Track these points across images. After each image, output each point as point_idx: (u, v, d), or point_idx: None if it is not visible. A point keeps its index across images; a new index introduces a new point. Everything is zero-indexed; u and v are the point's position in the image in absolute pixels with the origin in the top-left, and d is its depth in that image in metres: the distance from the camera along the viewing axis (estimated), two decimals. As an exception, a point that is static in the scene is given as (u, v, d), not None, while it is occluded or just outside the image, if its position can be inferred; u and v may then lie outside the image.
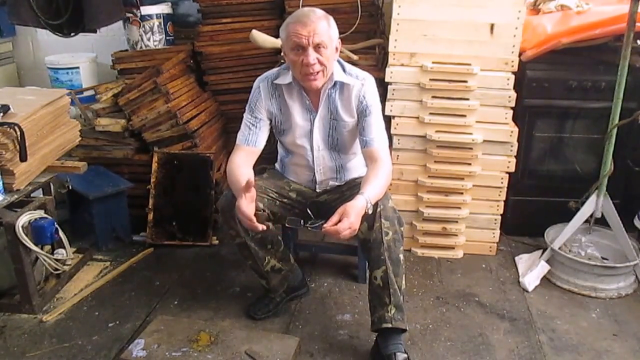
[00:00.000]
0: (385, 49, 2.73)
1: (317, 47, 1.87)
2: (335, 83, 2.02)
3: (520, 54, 2.54)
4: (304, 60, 1.88)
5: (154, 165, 2.87)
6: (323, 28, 1.87)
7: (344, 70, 2.04)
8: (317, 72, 1.91)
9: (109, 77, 3.32)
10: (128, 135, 2.97)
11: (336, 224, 1.74)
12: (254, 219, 1.83)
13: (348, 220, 1.74)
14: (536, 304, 2.38)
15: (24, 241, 2.14)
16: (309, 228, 1.85)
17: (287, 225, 1.91)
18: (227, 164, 2.09)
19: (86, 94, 3.23)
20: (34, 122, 2.26)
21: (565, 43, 2.58)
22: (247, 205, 1.83)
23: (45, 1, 2.85)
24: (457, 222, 2.69)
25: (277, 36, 2.79)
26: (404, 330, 1.95)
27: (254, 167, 2.08)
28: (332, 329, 2.20)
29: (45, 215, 2.26)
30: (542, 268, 2.53)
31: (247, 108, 2.11)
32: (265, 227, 1.86)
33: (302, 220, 1.88)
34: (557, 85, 2.67)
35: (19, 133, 2.12)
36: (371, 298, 1.97)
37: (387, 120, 2.42)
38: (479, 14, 2.47)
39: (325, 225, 1.76)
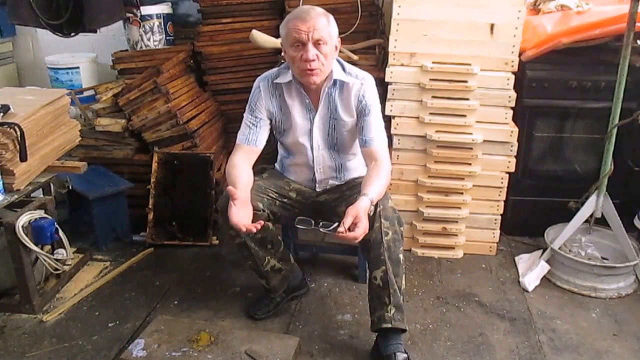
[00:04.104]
0: (385, 49, 2.73)
1: (317, 43, 1.88)
2: (335, 82, 2.02)
3: (520, 54, 2.54)
4: (303, 56, 1.88)
5: (154, 165, 2.87)
6: (323, 24, 1.88)
7: (343, 69, 2.04)
8: (316, 69, 1.91)
9: (109, 77, 3.32)
10: (128, 135, 2.97)
11: (349, 227, 1.72)
12: (244, 227, 1.80)
13: (362, 224, 1.73)
14: (536, 304, 2.38)
15: (24, 241, 2.14)
16: (321, 230, 1.81)
17: (296, 225, 1.86)
18: (227, 163, 2.09)
19: (86, 94, 3.23)
20: (34, 122, 2.26)
21: (566, 43, 2.58)
22: (237, 212, 1.80)
23: (45, 1, 2.85)
24: (457, 222, 2.69)
25: (277, 36, 2.79)
26: (404, 330, 1.95)
27: (254, 167, 2.08)
28: (332, 329, 2.20)
29: (45, 215, 2.26)
30: (542, 268, 2.53)
31: (247, 108, 2.11)
32: (258, 227, 1.82)
33: (313, 222, 1.84)
34: (557, 85, 2.67)
35: (19, 133, 2.12)
36: (371, 298, 1.97)
37: (387, 120, 2.42)
38: (479, 14, 2.47)
39: (340, 230, 1.72)
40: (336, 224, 1.76)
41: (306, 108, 2.07)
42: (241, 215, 1.82)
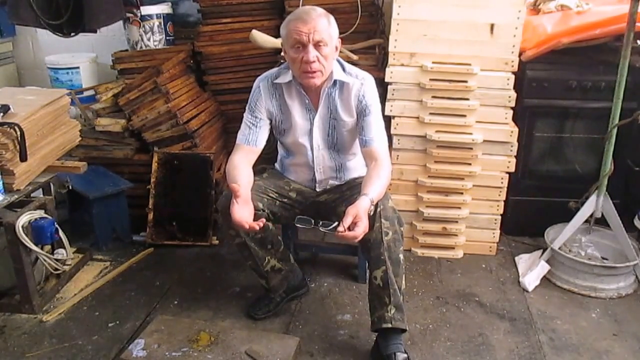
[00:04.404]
0: (385, 49, 2.73)
1: (317, 45, 1.87)
2: (335, 82, 2.02)
3: (520, 54, 2.54)
4: (304, 58, 1.88)
5: (154, 165, 2.87)
6: (323, 26, 1.88)
7: (343, 69, 2.04)
8: (317, 70, 1.91)
9: (109, 77, 3.32)
10: (128, 135, 2.97)
11: (349, 226, 1.73)
12: (247, 225, 1.81)
13: (362, 223, 1.74)
14: (536, 304, 2.38)
15: (24, 241, 2.14)
16: (321, 229, 1.81)
17: (296, 224, 1.85)
18: (227, 163, 2.09)
19: (86, 94, 3.24)
20: (34, 122, 2.26)
21: (565, 43, 2.58)
22: (240, 209, 1.81)
23: (45, 1, 2.85)
24: (457, 222, 2.69)
25: (277, 36, 2.79)
26: (404, 330, 1.95)
27: (254, 167, 2.08)
28: (332, 329, 2.20)
29: (45, 215, 2.26)
30: (542, 268, 2.53)
31: (247, 108, 2.11)
32: (260, 225, 1.83)
33: (313, 221, 1.84)
34: (557, 85, 2.67)
35: (19, 133, 2.12)
36: (371, 298, 1.97)
37: (387, 120, 2.42)
38: (479, 14, 2.47)
39: (339, 229, 1.73)
40: (336, 224, 1.76)
41: (306, 108, 2.07)
42: (243, 213, 1.82)
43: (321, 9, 1.94)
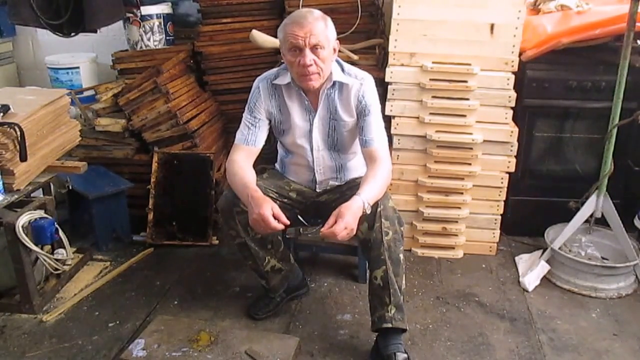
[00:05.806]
0: (385, 49, 2.73)
1: (314, 48, 1.87)
2: (334, 83, 2.02)
3: (520, 54, 2.54)
4: (301, 61, 1.88)
5: (154, 165, 2.87)
6: (320, 29, 1.87)
7: (342, 70, 2.04)
8: (314, 73, 1.91)
9: (109, 77, 3.32)
10: (128, 135, 2.97)
11: (332, 226, 1.75)
12: (280, 224, 1.83)
13: (343, 221, 1.74)
14: (536, 304, 2.38)
15: (24, 241, 2.14)
16: (308, 235, 1.84)
17: (287, 237, 1.90)
18: (227, 163, 2.09)
19: (86, 94, 3.24)
20: (34, 122, 2.26)
21: (565, 43, 2.58)
22: (273, 220, 1.82)
23: (45, 1, 2.85)
24: (457, 222, 2.69)
25: (277, 36, 2.79)
26: (404, 330, 1.95)
27: (254, 167, 2.08)
28: (332, 329, 2.20)
29: (45, 215, 2.26)
30: (542, 268, 2.53)
31: (246, 108, 2.11)
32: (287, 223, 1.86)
33: (300, 230, 1.86)
34: (557, 85, 2.67)
35: (19, 133, 2.12)
36: (371, 298, 1.97)
37: (387, 120, 2.42)
38: (479, 14, 2.47)
39: (322, 230, 1.76)
40: (319, 226, 1.78)
41: (305, 110, 2.07)
42: (274, 220, 1.82)
43: (318, 11, 1.93)
